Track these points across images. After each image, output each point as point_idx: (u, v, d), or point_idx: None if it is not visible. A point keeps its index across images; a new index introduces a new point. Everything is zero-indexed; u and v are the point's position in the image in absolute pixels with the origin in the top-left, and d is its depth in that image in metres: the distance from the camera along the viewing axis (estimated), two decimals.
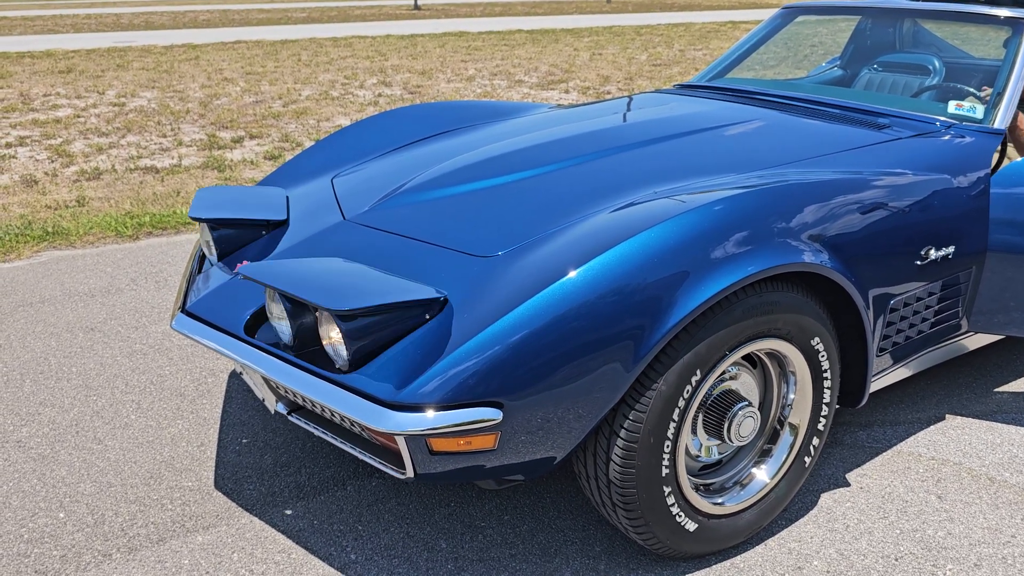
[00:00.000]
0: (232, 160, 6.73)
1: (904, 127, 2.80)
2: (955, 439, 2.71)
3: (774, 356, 2.20)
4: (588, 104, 3.44)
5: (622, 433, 1.92)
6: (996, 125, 2.78)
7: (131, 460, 2.61)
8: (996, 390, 3.02)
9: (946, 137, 2.73)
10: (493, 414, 1.78)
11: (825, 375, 2.22)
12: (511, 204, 2.36)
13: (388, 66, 12.39)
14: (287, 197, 2.72)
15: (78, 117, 8.67)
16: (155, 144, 7.39)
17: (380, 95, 9.93)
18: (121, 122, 8.36)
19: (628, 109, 3.18)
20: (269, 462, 2.59)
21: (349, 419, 1.89)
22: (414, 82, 10.91)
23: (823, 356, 2.19)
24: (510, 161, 2.62)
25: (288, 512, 2.37)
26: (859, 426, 2.78)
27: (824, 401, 2.24)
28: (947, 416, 2.85)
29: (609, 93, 9.88)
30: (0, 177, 6.21)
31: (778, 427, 2.26)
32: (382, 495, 2.42)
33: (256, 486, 2.48)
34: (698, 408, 2.10)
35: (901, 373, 2.62)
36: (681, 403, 1.95)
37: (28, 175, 6.25)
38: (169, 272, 4.24)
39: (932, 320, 2.56)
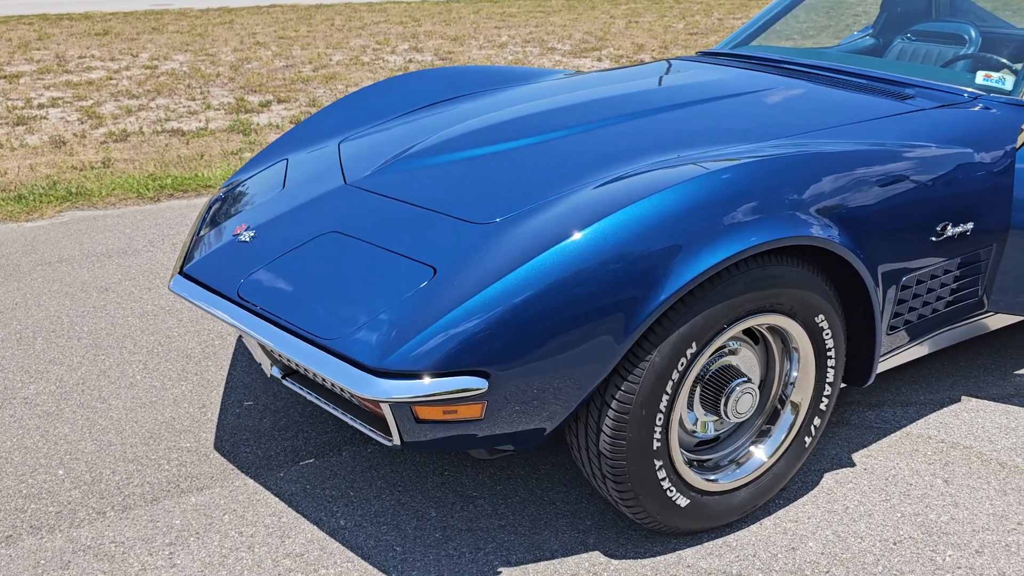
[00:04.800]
0: (258, 124, 6.73)
1: (929, 98, 2.69)
2: (967, 422, 2.64)
3: (776, 332, 2.14)
4: (603, 71, 3.36)
5: (613, 404, 1.88)
6: None
7: (133, 420, 2.63)
8: (1016, 372, 2.93)
9: (972, 109, 2.63)
10: (478, 383, 1.75)
11: (829, 353, 2.15)
12: (514, 170, 2.31)
13: (421, 32, 12.32)
14: (287, 160, 2.70)
15: (111, 79, 8.72)
16: (183, 107, 7.42)
17: (411, 61, 9.88)
18: (152, 85, 8.40)
19: (643, 76, 3.11)
20: (268, 425, 2.60)
21: (336, 384, 1.87)
22: (446, 48, 10.84)
23: (827, 334, 2.12)
24: (517, 127, 2.57)
25: (282, 475, 2.37)
26: (868, 406, 2.72)
27: (827, 380, 2.18)
28: (962, 398, 2.77)
29: (642, 61, 9.71)
30: (31, 137, 6.28)
31: (779, 406, 2.21)
32: (376, 462, 2.42)
33: (252, 449, 2.48)
34: (695, 382, 2.05)
35: (915, 352, 2.55)
36: (675, 376, 1.90)
37: (57, 136, 6.30)
38: (185, 235, 4.26)
39: (948, 299, 2.48)
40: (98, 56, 10.26)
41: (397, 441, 1.87)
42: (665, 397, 1.90)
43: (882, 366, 2.47)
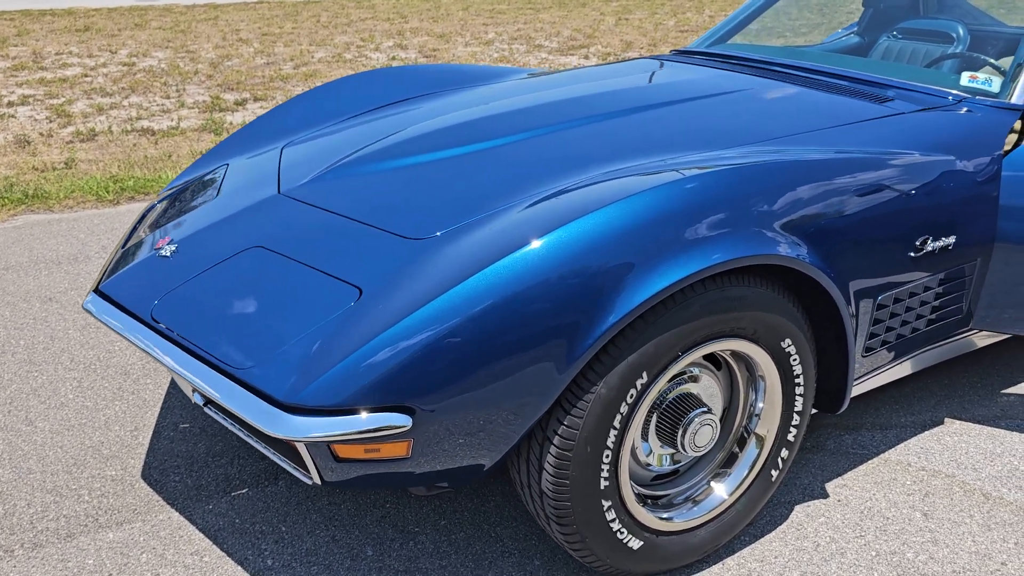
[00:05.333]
0: (231, 123, 6.55)
1: (910, 100, 2.52)
2: (950, 447, 2.47)
3: (741, 358, 1.97)
4: (570, 70, 3.18)
5: (555, 440, 1.71)
6: (1013, 100, 2.49)
7: (58, 444, 2.45)
8: (1003, 391, 2.77)
9: (956, 113, 2.45)
10: (401, 420, 1.57)
11: (797, 380, 1.98)
12: (460, 178, 2.14)
13: (407, 29, 12.13)
14: (227, 165, 2.53)
15: (85, 76, 8.53)
16: (157, 105, 7.23)
17: (394, 58, 9.70)
18: (127, 82, 8.21)
19: (610, 76, 2.93)
20: (202, 451, 2.42)
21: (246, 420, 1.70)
22: (431, 45, 10.66)
23: (795, 359, 1.95)
24: (469, 131, 2.40)
25: (210, 507, 2.19)
26: (846, 429, 2.55)
27: (795, 409, 2.01)
28: (945, 420, 2.61)
29: (622, 60, 9.54)
30: None
31: (744, 436, 2.04)
32: (314, 492, 2.24)
33: (183, 477, 2.31)
34: (650, 411, 1.88)
35: (896, 372, 2.38)
36: (624, 409, 1.73)
37: (23, 135, 6.11)
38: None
39: (930, 317, 2.31)
40: (76, 53, 10.06)
41: (317, 480, 1.70)
42: (613, 432, 1.73)
43: (860, 388, 2.31)
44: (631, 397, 1.73)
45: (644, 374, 1.73)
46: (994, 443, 2.49)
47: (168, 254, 2.06)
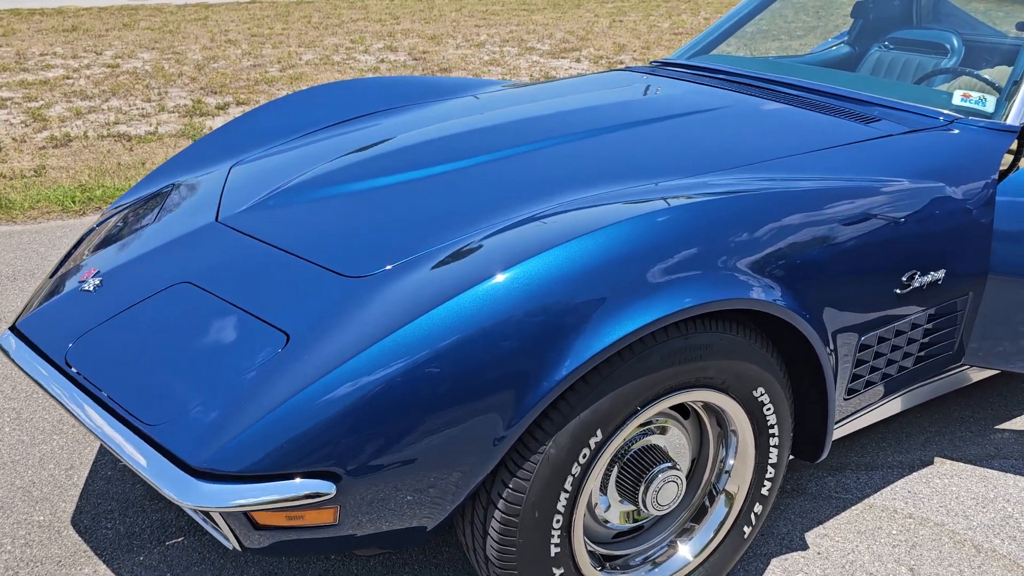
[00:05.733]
0: (211, 128, 6.38)
1: (898, 121, 2.36)
2: (940, 491, 2.31)
3: (711, 409, 1.81)
4: (543, 83, 3.02)
5: (500, 505, 1.55)
6: (1009, 121, 2.33)
7: None
8: (997, 427, 2.61)
9: (947, 134, 2.30)
10: (324, 487, 1.42)
11: (772, 431, 1.83)
12: (409, 207, 1.98)
13: (399, 30, 11.97)
14: (173, 185, 2.37)
15: (67, 78, 8.37)
16: (137, 109, 7.07)
17: (383, 60, 9.54)
18: (109, 85, 8.05)
19: (577, 92, 2.76)
20: (139, 494, 2.26)
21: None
22: (421, 47, 10.50)
23: (768, 409, 1.79)
24: (429, 151, 2.24)
25: (141, 559, 2.03)
26: (829, 470, 2.39)
27: (770, 462, 1.85)
28: (935, 459, 2.45)
29: (622, 63, 9.37)
30: None
31: (713, 493, 1.88)
32: None
33: (115, 523, 2.15)
34: (610, 463, 1.72)
35: (882, 412, 2.23)
36: (576, 470, 1.57)
37: None
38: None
39: (918, 355, 2.15)
40: (60, 54, 9.89)
41: (236, 546, 1.54)
42: (564, 496, 1.57)
43: (844, 430, 2.16)
44: (584, 457, 1.57)
45: (598, 432, 1.57)
46: (986, 487, 2.33)
47: (92, 288, 1.90)
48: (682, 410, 1.82)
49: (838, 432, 2.14)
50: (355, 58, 9.76)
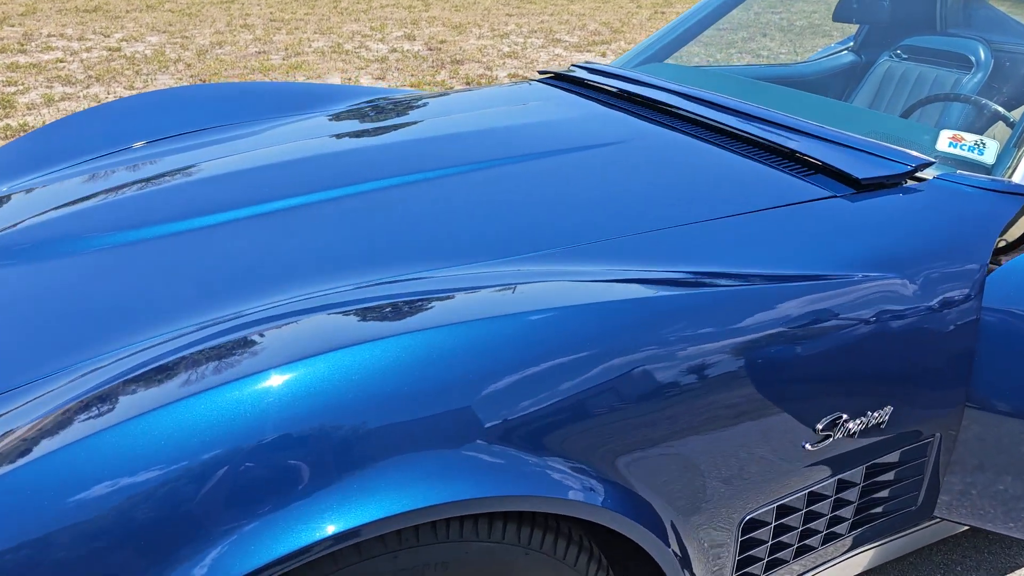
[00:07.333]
0: None
1: (854, 170, 1.67)
2: None
3: None
4: (420, 97, 2.38)
5: None
6: (1015, 179, 1.63)
7: None
8: None
9: (919, 195, 1.61)
10: None
11: None
12: (70, 295, 1.39)
13: (425, 17, 11.41)
14: None
15: (61, 62, 8.01)
16: (113, 97, 6.64)
17: (395, 50, 8.99)
18: (99, 70, 7.66)
19: (441, 115, 2.12)
20: None
21: None
22: (441, 37, 9.92)
23: None
24: (157, 204, 1.64)
25: None
26: None
27: None
28: None
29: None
30: None
31: None
32: None
33: None
34: None
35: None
36: None
37: None
38: None
39: (854, 520, 1.49)
40: (67, 35, 9.58)
41: None
42: None
43: None
44: None
45: None
46: None
47: None
48: None
49: None
50: (367, 47, 9.23)
